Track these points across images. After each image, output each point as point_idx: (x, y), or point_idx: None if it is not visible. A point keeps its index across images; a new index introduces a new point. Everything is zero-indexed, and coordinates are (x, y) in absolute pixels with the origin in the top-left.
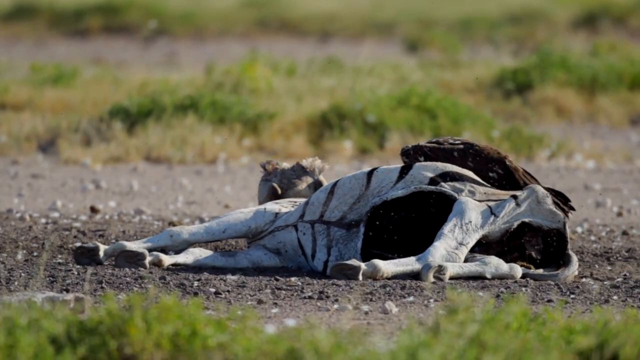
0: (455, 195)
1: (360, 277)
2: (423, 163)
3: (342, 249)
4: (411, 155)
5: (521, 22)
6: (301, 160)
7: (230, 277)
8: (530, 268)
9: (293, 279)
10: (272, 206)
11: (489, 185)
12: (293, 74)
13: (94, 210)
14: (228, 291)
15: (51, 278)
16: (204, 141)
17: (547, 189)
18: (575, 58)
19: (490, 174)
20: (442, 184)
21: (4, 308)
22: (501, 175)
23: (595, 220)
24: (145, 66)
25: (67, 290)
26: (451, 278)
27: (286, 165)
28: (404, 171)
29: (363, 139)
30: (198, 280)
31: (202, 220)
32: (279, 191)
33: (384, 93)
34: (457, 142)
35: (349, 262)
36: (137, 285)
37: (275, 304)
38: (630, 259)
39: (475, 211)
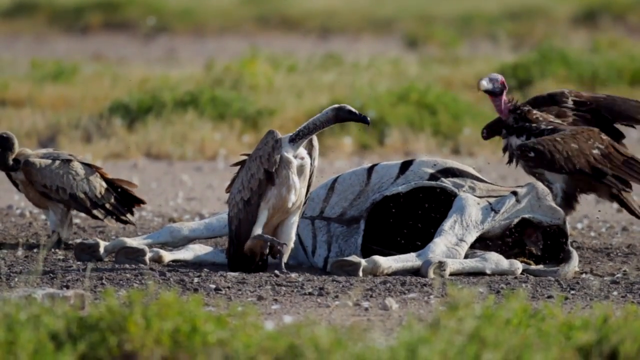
0: (456, 191)
1: (361, 274)
2: (423, 159)
3: (342, 245)
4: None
5: (521, 17)
6: None
7: (230, 274)
8: (530, 264)
9: (293, 275)
10: None
11: (489, 182)
12: (293, 70)
13: None
14: (228, 287)
15: (51, 274)
16: (203, 137)
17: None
18: (575, 54)
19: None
20: (443, 179)
21: (4, 304)
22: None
23: (595, 216)
24: (145, 63)
25: (67, 287)
26: (451, 274)
27: None
28: (405, 167)
29: (363, 135)
30: (198, 276)
31: (202, 217)
32: None
33: (383, 89)
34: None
35: (349, 258)
36: (137, 282)
37: (276, 300)
38: (630, 255)
39: (475, 207)
